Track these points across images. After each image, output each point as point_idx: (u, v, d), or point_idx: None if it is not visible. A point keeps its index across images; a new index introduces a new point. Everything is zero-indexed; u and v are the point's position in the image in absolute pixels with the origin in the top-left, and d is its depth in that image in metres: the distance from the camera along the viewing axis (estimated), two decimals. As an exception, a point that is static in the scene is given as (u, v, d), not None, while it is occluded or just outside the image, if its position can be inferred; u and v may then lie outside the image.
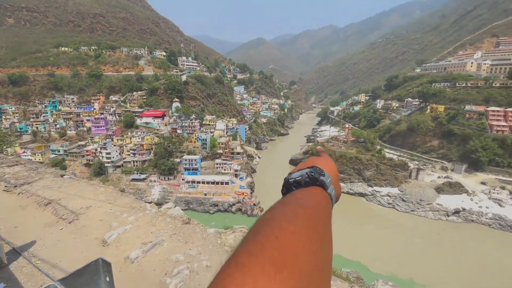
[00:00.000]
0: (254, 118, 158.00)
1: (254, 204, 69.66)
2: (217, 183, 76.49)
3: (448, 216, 67.67)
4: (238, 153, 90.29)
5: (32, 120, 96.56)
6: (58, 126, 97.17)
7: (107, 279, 2.91)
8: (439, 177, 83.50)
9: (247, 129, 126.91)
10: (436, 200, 72.14)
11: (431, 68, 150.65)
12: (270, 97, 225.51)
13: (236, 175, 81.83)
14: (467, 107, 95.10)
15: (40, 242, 7.90)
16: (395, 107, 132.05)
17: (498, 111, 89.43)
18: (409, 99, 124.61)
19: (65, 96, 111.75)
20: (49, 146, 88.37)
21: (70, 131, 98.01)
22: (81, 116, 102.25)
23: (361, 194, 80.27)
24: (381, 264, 48.47)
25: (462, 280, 45.84)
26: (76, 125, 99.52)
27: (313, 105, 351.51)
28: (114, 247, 7.75)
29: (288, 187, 0.99)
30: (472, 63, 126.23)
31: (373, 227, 64.03)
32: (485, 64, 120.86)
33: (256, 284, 0.45)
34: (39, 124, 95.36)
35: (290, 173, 1.02)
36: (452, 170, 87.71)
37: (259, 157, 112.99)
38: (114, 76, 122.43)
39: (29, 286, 5.91)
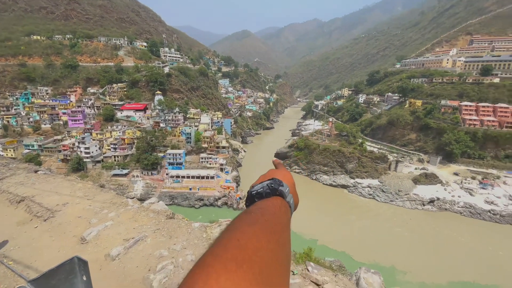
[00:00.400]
0: (239, 111, 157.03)
1: (240, 198, 69.80)
2: (202, 177, 75.78)
3: (424, 205, 71.25)
4: (224, 147, 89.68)
5: (2, 113, 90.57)
6: (31, 119, 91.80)
7: (84, 278, 2.77)
8: (416, 168, 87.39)
9: (233, 123, 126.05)
10: (413, 191, 75.62)
11: (410, 64, 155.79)
12: (255, 90, 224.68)
13: (221, 169, 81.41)
14: (443, 102, 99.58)
15: (13, 241, 7.47)
16: (376, 102, 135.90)
17: (470, 105, 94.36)
18: (390, 93, 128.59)
19: (39, 87, 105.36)
20: (22, 141, 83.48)
21: (45, 125, 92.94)
22: (56, 109, 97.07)
23: (344, 186, 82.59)
24: (363, 253, 50.42)
25: (439, 265, 48.75)
26: (51, 118, 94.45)
27: (298, 99, 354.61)
28: (93, 245, 7.47)
29: (251, 199, 1.08)
30: (448, 59, 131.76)
31: (354, 217, 66.35)
32: (460, 61, 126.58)
33: (219, 278, 0.52)
34: (10, 118, 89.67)
35: (252, 186, 1.12)
36: (428, 162, 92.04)
37: (244, 151, 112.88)
38: (91, 67, 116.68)
39: (20, 285, 5.60)
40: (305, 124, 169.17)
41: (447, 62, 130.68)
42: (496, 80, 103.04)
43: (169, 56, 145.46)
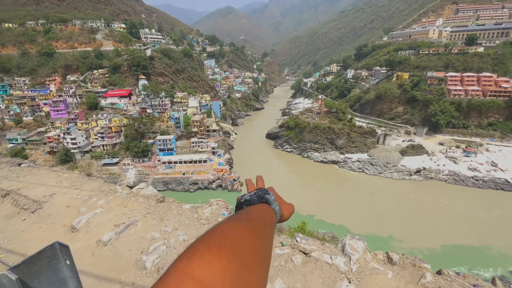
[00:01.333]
0: (228, 93, 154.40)
1: (234, 180, 70.60)
2: (195, 161, 75.72)
3: (411, 175, 74.09)
4: (214, 131, 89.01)
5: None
6: (11, 112, 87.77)
7: (68, 262, 2.79)
8: (403, 141, 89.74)
9: (222, 105, 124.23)
10: (401, 162, 78.15)
11: (397, 36, 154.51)
12: (243, 70, 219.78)
13: (213, 153, 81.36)
14: (429, 74, 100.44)
15: (1, 235, 7.41)
16: (364, 76, 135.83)
17: (455, 76, 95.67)
18: (377, 67, 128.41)
19: (15, 78, 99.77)
20: (5, 135, 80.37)
21: (26, 117, 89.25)
22: (36, 100, 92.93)
23: (334, 162, 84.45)
24: (357, 224, 52.52)
25: (430, 231, 51.03)
26: (32, 110, 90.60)
27: (287, 77, 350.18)
28: (84, 232, 7.52)
29: (240, 206, 1.19)
30: (434, 30, 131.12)
31: (345, 191, 68.60)
32: (446, 31, 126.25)
33: (203, 256, 0.63)
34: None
35: (242, 196, 1.23)
36: (414, 133, 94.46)
37: (235, 134, 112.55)
38: (69, 53, 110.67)
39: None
40: (295, 103, 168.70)
41: (433, 33, 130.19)
42: (481, 49, 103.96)
43: (150, 38, 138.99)
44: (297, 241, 6.33)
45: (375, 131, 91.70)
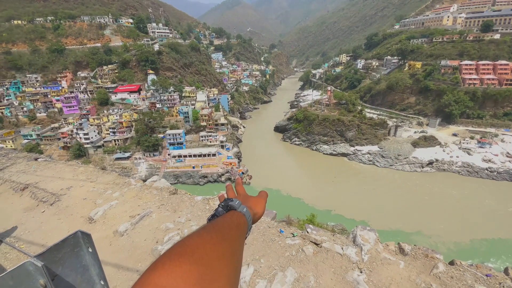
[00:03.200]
0: (235, 86, 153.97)
1: (243, 173, 71.11)
2: (204, 155, 76.50)
3: (423, 167, 72.69)
4: (222, 124, 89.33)
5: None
6: (25, 109, 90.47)
7: (90, 250, 2.93)
8: (415, 132, 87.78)
9: (229, 98, 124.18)
10: (412, 154, 76.68)
11: (410, 24, 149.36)
12: (250, 63, 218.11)
13: (222, 146, 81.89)
14: (443, 62, 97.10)
15: (22, 227, 7.77)
16: (375, 66, 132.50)
17: (470, 64, 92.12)
18: (389, 57, 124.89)
19: (27, 75, 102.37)
20: (20, 131, 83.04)
21: (40, 113, 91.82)
22: (49, 96, 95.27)
23: (344, 154, 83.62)
24: (377, 220, 51.44)
25: (444, 223, 50.48)
26: (45, 106, 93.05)
27: (295, 69, 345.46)
28: (101, 223, 7.79)
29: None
30: (448, 17, 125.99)
31: (355, 183, 68.04)
32: (460, 17, 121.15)
33: (164, 266, 0.68)
34: (3, 109, 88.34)
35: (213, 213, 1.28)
36: (427, 124, 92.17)
37: (243, 127, 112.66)
38: (78, 50, 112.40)
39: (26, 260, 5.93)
40: (303, 95, 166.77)
41: (448, 20, 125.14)
42: (497, 36, 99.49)
43: (158, 32, 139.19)
44: (308, 232, 6.39)
45: (386, 122, 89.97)
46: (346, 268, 5.01)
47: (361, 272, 4.86)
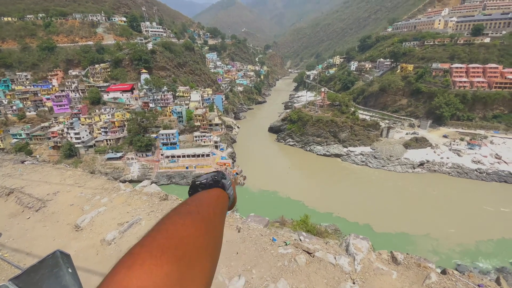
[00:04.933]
0: (230, 87, 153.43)
1: (237, 173, 70.82)
2: (198, 155, 75.92)
3: (414, 168, 73.73)
4: (217, 125, 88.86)
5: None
6: (14, 107, 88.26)
7: (70, 270, 2.78)
8: (407, 133, 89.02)
9: (224, 99, 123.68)
10: (404, 155, 77.71)
11: (402, 27, 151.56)
12: (245, 63, 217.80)
13: (216, 147, 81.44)
14: (434, 65, 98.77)
15: (6, 234, 7.48)
16: (368, 68, 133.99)
17: (460, 67, 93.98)
18: (381, 59, 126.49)
19: (17, 73, 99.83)
20: (9, 131, 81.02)
21: (29, 112, 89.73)
22: (39, 95, 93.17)
23: (337, 155, 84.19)
24: (358, 216, 52.57)
25: (434, 223, 50.89)
26: (35, 105, 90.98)
27: (289, 70, 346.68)
28: (88, 231, 7.55)
29: (195, 188, 1.15)
30: (439, 20, 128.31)
31: (348, 183, 68.53)
32: (451, 21, 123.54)
33: (144, 263, 0.58)
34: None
35: (197, 177, 1.21)
36: (418, 126, 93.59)
37: (238, 127, 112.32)
38: (70, 48, 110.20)
39: (1, 284, 5.65)
40: (298, 96, 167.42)
41: (439, 23, 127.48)
42: (487, 40, 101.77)
43: (151, 31, 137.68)
44: (300, 240, 6.31)
45: (379, 124, 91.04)
46: (339, 279, 4.94)
47: (353, 283, 4.80)
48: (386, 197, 61.06)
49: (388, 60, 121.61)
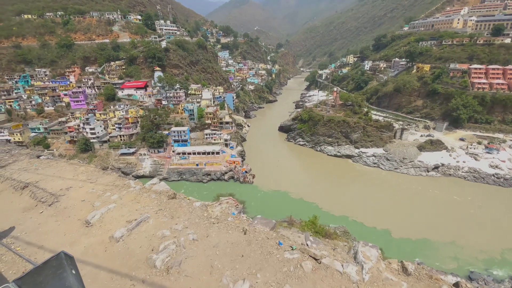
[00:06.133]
0: (241, 85, 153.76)
1: (246, 172, 70.96)
2: (208, 153, 76.57)
3: (428, 171, 71.58)
4: (227, 123, 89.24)
5: (4, 98, 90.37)
6: (33, 102, 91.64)
7: (73, 271, 2.79)
8: (421, 135, 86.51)
9: (235, 97, 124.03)
10: (418, 158, 75.56)
11: (419, 26, 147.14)
12: (256, 62, 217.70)
13: (226, 145, 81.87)
14: (452, 66, 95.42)
15: (20, 227, 7.72)
16: (382, 68, 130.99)
17: (480, 68, 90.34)
18: (397, 59, 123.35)
19: (36, 69, 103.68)
20: (28, 125, 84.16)
21: (48, 107, 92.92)
22: (57, 90, 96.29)
23: (348, 156, 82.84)
24: (375, 221, 51.19)
25: (460, 230, 48.98)
26: (53, 100, 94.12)
27: (301, 69, 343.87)
28: (98, 227, 7.70)
29: None
30: (458, 19, 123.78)
31: (360, 185, 67.30)
32: (471, 20, 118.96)
33: None
34: (12, 102, 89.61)
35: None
36: (434, 128, 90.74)
37: (248, 126, 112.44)
38: (87, 45, 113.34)
39: (10, 275, 5.83)
40: (309, 95, 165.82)
41: (458, 22, 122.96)
42: (508, 40, 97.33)
43: (165, 29, 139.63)
44: (307, 245, 6.18)
45: (392, 125, 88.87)
46: None
47: (361, 293, 4.66)
48: (404, 201, 59.14)
49: (403, 59, 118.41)
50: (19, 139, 76.72)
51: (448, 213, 54.46)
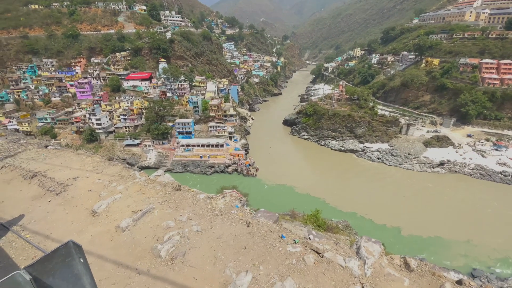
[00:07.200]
0: (246, 78, 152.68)
1: (249, 165, 71.25)
2: (212, 145, 76.90)
3: (433, 168, 70.92)
4: (231, 116, 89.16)
5: (12, 88, 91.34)
6: (40, 93, 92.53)
7: (81, 260, 2.87)
8: (428, 131, 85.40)
9: (239, 90, 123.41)
10: (423, 154, 74.81)
11: (429, 18, 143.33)
12: (261, 54, 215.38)
13: (230, 137, 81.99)
14: (462, 60, 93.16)
15: (29, 215, 7.92)
16: (390, 62, 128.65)
17: (491, 63, 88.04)
18: (405, 52, 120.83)
19: (43, 60, 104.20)
20: (35, 114, 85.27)
21: (54, 97, 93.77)
22: (63, 81, 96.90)
23: (352, 151, 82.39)
24: (384, 217, 50.90)
25: (459, 227, 48.62)
26: (59, 91, 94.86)
27: (307, 61, 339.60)
28: (104, 217, 7.85)
29: None
30: (471, 12, 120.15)
31: (365, 180, 66.96)
32: (484, 13, 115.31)
33: None
34: (20, 92, 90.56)
35: None
36: (441, 124, 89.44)
37: (252, 119, 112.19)
38: (92, 36, 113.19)
39: (20, 261, 6.02)
40: (314, 89, 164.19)
41: (470, 15, 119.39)
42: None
43: (170, 20, 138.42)
44: (310, 239, 6.23)
45: (398, 120, 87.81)
46: (348, 282, 4.84)
47: (363, 287, 4.70)
48: (413, 198, 58.38)
49: (412, 53, 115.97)
50: (27, 128, 77.85)
51: (461, 211, 53.66)
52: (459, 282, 4.95)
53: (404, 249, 41.97)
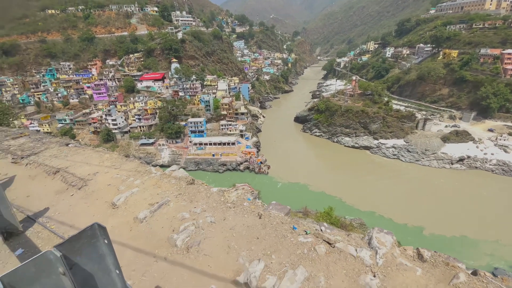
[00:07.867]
0: (256, 75, 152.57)
1: (261, 162, 71.47)
2: (224, 144, 77.64)
3: (452, 164, 68.50)
4: (242, 114, 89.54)
5: (32, 90, 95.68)
6: (59, 95, 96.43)
7: (105, 241, 3.09)
8: (446, 126, 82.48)
9: (250, 88, 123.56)
10: (441, 149, 72.37)
11: (447, 8, 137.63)
12: (272, 51, 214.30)
13: (241, 136, 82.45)
14: (482, 51, 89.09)
15: (53, 208, 8.41)
16: (405, 55, 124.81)
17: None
18: (421, 44, 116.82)
19: (61, 63, 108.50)
20: (55, 116, 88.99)
21: (72, 99, 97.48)
22: (80, 83, 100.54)
23: (366, 147, 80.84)
24: (405, 216, 49.72)
25: (488, 226, 46.95)
26: (77, 93, 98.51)
27: (318, 57, 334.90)
28: (123, 209, 8.23)
29: None
30: (491, 0, 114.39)
31: (378, 177, 65.63)
32: (505, 1, 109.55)
33: None
34: (40, 95, 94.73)
35: None
36: (460, 118, 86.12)
37: (263, 117, 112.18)
38: (107, 38, 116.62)
39: (46, 249, 6.44)
40: (326, 85, 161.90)
41: (491, 4, 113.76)
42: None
43: (181, 20, 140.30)
44: (321, 231, 6.30)
45: (414, 115, 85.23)
46: (359, 271, 4.87)
47: (374, 276, 4.71)
48: (433, 196, 56.46)
49: (428, 45, 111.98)
50: (47, 129, 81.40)
51: (487, 209, 51.58)
52: (474, 273, 4.89)
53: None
